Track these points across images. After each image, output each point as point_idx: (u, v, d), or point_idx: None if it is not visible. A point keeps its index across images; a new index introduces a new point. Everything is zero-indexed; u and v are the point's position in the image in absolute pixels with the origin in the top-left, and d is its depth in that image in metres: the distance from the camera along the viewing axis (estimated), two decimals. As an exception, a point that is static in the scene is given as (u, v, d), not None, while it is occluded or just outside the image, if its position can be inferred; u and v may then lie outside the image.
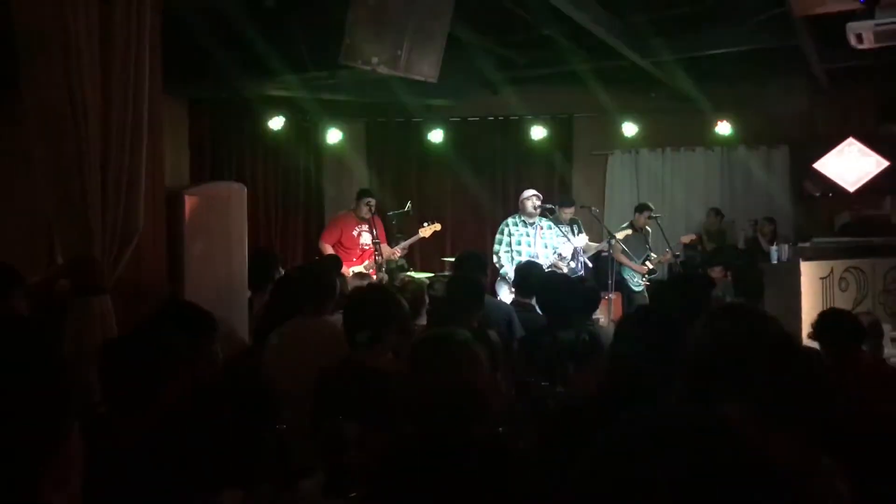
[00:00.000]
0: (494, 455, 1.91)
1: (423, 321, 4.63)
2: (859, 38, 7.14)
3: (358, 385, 2.72)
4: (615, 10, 7.46)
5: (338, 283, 4.19)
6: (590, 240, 8.44)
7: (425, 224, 8.15)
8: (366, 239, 7.90)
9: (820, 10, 7.05)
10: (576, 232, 8.19)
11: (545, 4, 6.70)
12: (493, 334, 3.76)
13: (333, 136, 10.15)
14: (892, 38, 7.03)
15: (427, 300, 4.64)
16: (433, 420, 1.94)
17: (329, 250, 7.65)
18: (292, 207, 10.19)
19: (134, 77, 4.01)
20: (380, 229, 7.96)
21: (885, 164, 9.94)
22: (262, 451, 2.55)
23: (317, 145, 10.36)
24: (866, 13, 6.62)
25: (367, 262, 7.83)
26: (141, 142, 4.06)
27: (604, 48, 8.01)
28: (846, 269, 7.52)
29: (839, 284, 7.46)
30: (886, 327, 6.42)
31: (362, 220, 7.95)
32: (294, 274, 4.68)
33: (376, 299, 3.30)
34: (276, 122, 9.34)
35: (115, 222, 3.87)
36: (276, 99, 8.90)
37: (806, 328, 6.90)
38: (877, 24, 6.86)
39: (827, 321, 3.86)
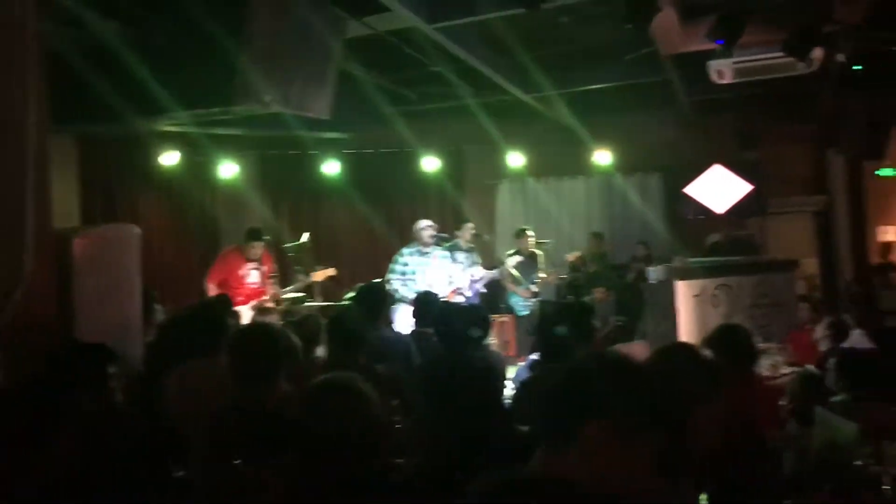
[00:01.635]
0: (390, 490, 2.07)
1: (321, 352, 4.75)
2: (720, 73, 7.81)
3: (251, 427, 2.74)
4: (500, 48, 7.88)
5: (229, 322, 4.20)
6: (482, 266, 8.72)
7: (318, 268, 7.98)
8: (254, 278, 7.60)
9: (684, 49, 7.67)
10: (474, 261, 8.44)
11: (434, 44, 7.04)
12: (381, 368, 3.93)
13: (228, 170, 10.15)
14: (748, 73, 7.72)
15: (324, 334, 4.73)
16: (329, 462, 1.99)
17: (213, 290, 7.38)
18: (187, 244, 10.09)
19: (15, 108, 3.77)
20: (268, 266, 7.71)
21: (748, 187, 10.74)
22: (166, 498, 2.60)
23: (211, 180, 10.33)
24: (725, 52, 7.24)
25: (253, 303, 7.46)
26: (25, 179, 3.80)
27: (489, 83, 8.43)
28: (717, 287, 7.99)
29: (711, 301, 7.92)
30: (755, 340, 6.97)
31: (252, 259, 7.63)
32: (183, 315, 4.63)
33: (262, 339, 3.32)
34: (170, 158, 9.28)
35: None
36: (169, 134, 8.86)
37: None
38: (734, 62, 7.53)
39: (723, 337, 3.70)
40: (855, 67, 6.83)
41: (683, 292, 7.68)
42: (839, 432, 2.66)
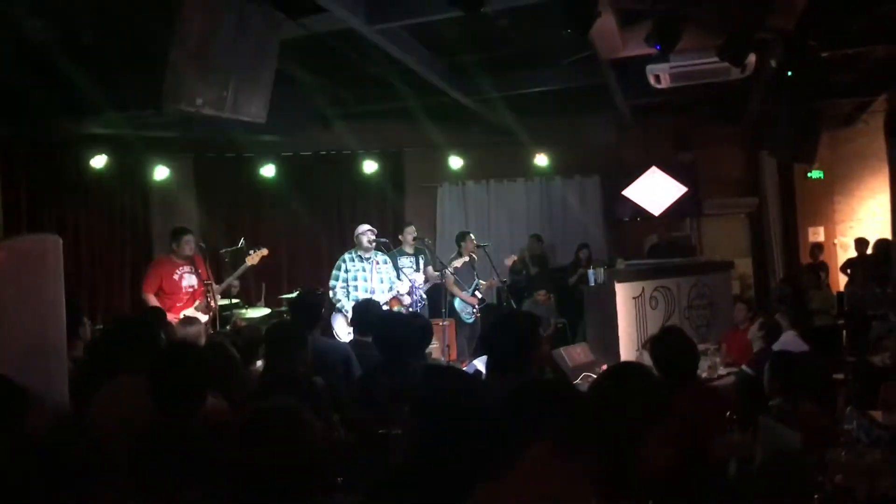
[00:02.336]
0: None
1: (259, 363, 4.63)
2: (657, 78, 7.91)
3: (178, 449, 2.62)
4: (440, 51, 7.83)
5: (162, 336, 4.04)
6: (431, 270, 8.64)
7: (251, 252, 7.61)
8: (190, 281, 7.24)
9: (622, 54, 7.73)
10: (421, 264, 8.34)
11: (373, 45, 6.94)
12: (319, 381, 3.83)
13: (160, 173, 9.85)
14: (685, 78, 7.84)
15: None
16: (267, 494, 1.92)
17: (153, 300, 7.05)
18: (118, 250, 9.76)
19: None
20: (202, 267, 7.33)
21: (684, 189, 10.94)
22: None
23: (143, 184, 10.01)
24: (662, 57, 7.33)
25: (197, 304, 7.17)
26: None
27: (430, 86, 8.37)
28: (655, 289, 8.11)
29: (650, 303, 8.02)
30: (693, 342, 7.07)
31: (183, 261, 7.27)
32: (113, 329, 4.44)
33: (184, 359, 3.21)
34: (99, 161, 8.96)
35: None
36: (98, 136, 8.55)
37: (623, 343, 7.54)
38: (671, 67, 7.63)
39: (664, 344, 3.65)
40: (787, 74, 6.95)
41: (623, 294, 7.76)
42: (783, 441, 2.67)
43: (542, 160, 10.65)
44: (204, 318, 6.99)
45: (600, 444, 1.58)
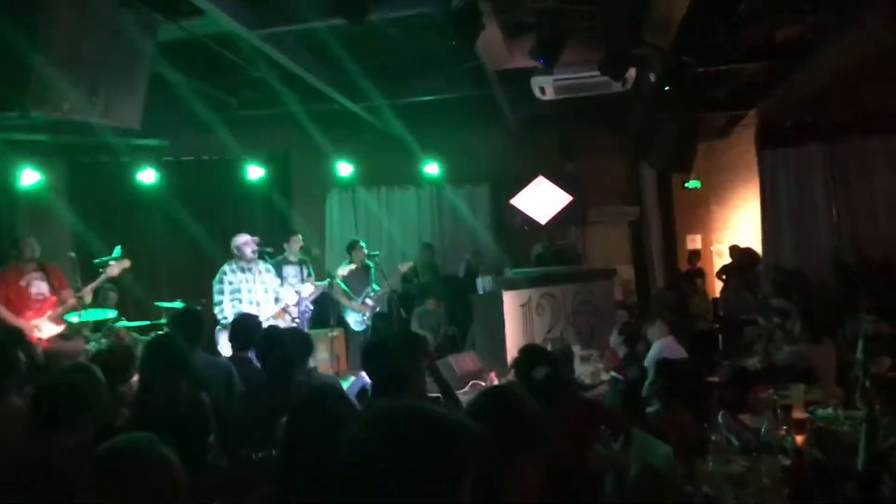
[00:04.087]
0: None
1: (134, 380, 4.42)
2: (542, 90, 8.07)
3: (40, 481, 2.46)
4: (326, 58, 7.70)
5: (21, 356, 3.77)
6: (314, 278, 8.48)
7: (112, 262, 7.17)
8: (39, 288, 6.81)
9: (509, 66, 7.85)
10: (304, 275, 8.17)
11: (257, 49, 6.77)
12: (205, 397, 3.69)
13: (29, 177, 9.24)
14: (569, 91, 8.03)
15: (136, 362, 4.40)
16: None
17: (2, 311, 6.59)
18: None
19: None
20: (57, 276, 6.94)
21: (569, 198, 11.20)
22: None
23: (10, 189, 9.37)
24: (546, 70, 7.47)
25: (49, 313, 6.71)
26: None
27: (317, 91, 8.23)
28: (542, 296, 8.27)
29: (536, 310, 8.18)
30: (576, 348, 7.22)
31: (31, 267, 6.83)
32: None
33: (66, 381, 3.07)
34: (-41, 165, 8.35)
35: None
36: (-42, 139, 7.99)
37: (511, 350, 7.62)
38: (556, 80, 7.80)
39: (522, 367, 3.73)
40: (664, 89, 7.21)
41: (510, 302, 7.89)
42: (655, 454, 2.73)
43: (432, 169, 10.66)
44: (58, 328, 6.62)
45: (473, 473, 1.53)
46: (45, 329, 6.58)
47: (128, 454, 1.90)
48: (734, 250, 11.06)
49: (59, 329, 6.57)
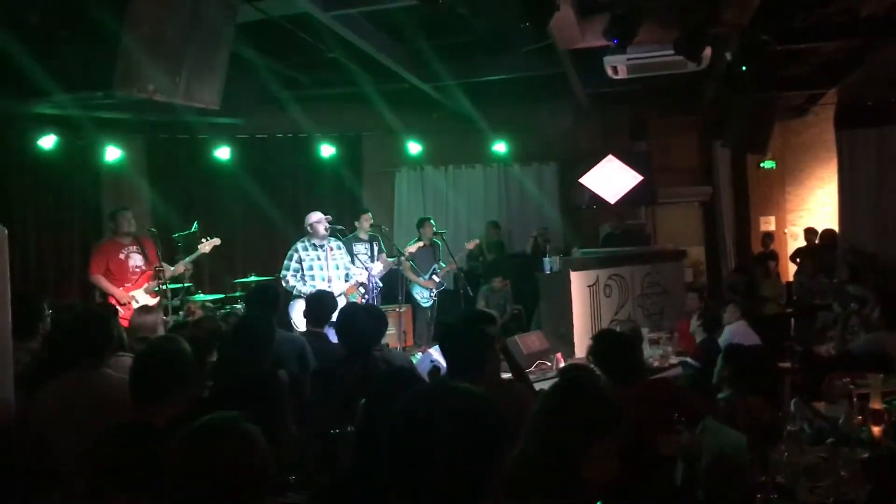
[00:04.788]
0: None
1: (213, 357, 4.58)
2: (615, 69, 7.96)
3: (140, 449, 2.58)
4: (397, 36, 7.76)
5: (114, 330, 3.96)
6: (386, 256, 8.59)
7: (204, 240, 7.64)
8: (136, 261, 7.23)
9: (581, 45, 7.77)
10: (375, 252, 8.31)
11: (330, 30, 6.86)
12: (282, 374, 3.81)
13: (112, 154, 9.62)
14: (642, 70, 7.90)
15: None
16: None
17: (101, 281, 7.08)
18: (67, 234, 9.56)
19: None
20: (151, 250, 7.34)
21: (639, 177, 11.04)
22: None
23: (94, 165, 9.78)
24: (619, 49, 7.38)
25: (146, 286, 7.18)
26: None
27: (388, 71, 8.31)
28: (609, 277, 8.22)
29: (604, 291, 8.14)
30: (645, 330, 7.18)
31: (129, 240, 7.27)
32: (65, 322, 4.34)
33: (166, 353, 3.19)
34: (47, 142, 8.72)
35: None
36: (47, 117, 8.33)
37: (577, 331, 7.63)
38: (629, 59, 7.69)
39: (604, 349, 3.74)
40: (741, 68, 7.06)
41: (577, 283, 7.86)
42: (726, 442, 2.74)
43: (500, 147, 10.66)
44: (152, 301, 6.95)
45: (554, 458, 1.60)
46: (141, 300, 6.93)
47: (215, 433, 1.94)
48: (810, 233, 10.79)
49: (153, 301, 6.89)
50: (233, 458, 1.88)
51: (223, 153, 10.19)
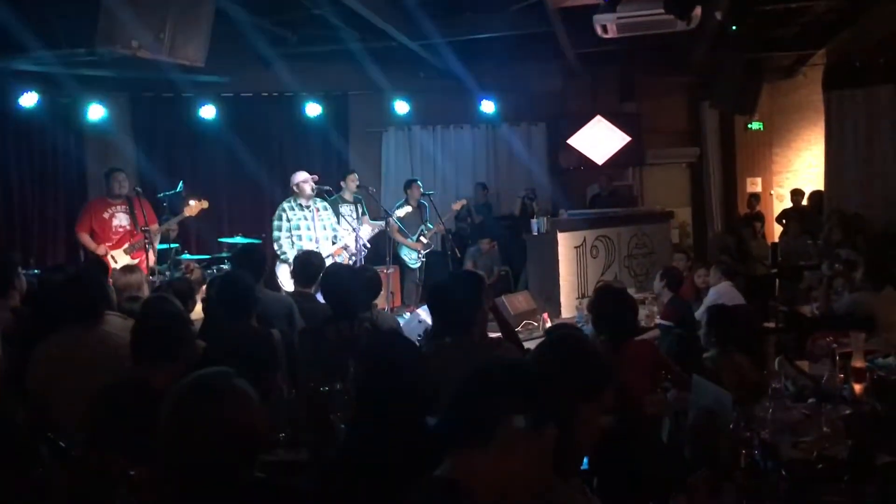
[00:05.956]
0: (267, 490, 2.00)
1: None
2: (604, 28, 7.89)
3: (137, 408, 2.57)
4: (385, -6, 7.65)
5: (110, 289, 3.95)
6: (369, 217, 8.58)
7: (191, 202, 7.63)
8: (120, 220, 7.30)
9: (570, 3, 7.69)
10: (359, 213, 8.27)
11: (317, -15, 6.75)
12: (275, 333, 3.82)
13: (95, 112, 9.46)
14: (632, 29, 7.83)
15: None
16: (199, 471, 1.86)
17: (85, 238, 7.18)
18: (50, 193, 9.47)
19: None
20: (148, 209, 7.37)
21: (627, 138, 11.03)
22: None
23: (77, 123, 9.62)
24: (609, 7, 7.31)
25: (126, 245, 7.24)
26: None
27: (375, 29, 8.19)
28: (597, 238, 8.26)
29: (591, 252, 8.17)
30: (631, 290, 7.22)
31: (118, 201, 7.32)
32: (56, 280, 4.32)
33: (169, 315, 3.22)
34: (28, 99, 8.58)
35: None
36: (28, 74, 8.18)
37: (564, 292, 7.68)
38: (619, 18, 7.62)
39: (605, 305, 3.75)
40: (731, 28, 7.01)
41: (564, 243, 7.89)
42: (713, 399, 2.77)
43: (488, 107, 10.58)
44: (132, 261, 6.93)
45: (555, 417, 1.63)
46: (119, 260, 6.92)
47: (208, 390, 1.92)
48: (797, 194, 10.84)
49: (134, 262, 6.86)
50: (226, 415, 1.87)
51: (208, 112, 10.06)
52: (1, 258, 4.79)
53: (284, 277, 7.13)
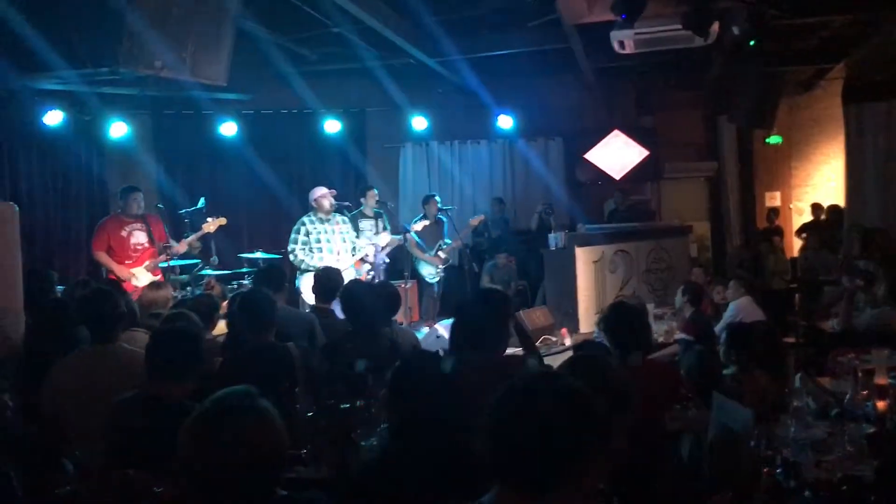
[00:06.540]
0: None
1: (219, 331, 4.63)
2: (622, 44, 7.91)
3: (152, 423, 2.59)
4: (403, 11, 7.71)
5: (123, 303, 3.99)
6: (389, 233, 8.61)
7: (209, 219, 7.68)
8: (139, 238, 7.32)
9: (587, 20, 7.71)
10: (380, 227, 8.32)
11: (335, 4, 6.82)
12: (292, 348, 3.85)
13: (118, 129, 9.59)
14: (649, 45, 7.85)
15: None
16: (221, 489, 1.86)
17: (103, 257, 7.18)
18: (73, 209, 9.59)
19: None
20: (158, 227, 7.44)
21: (645, 153, 11.02)
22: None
23: (99, 140, 9.76)
24: (627, 24, 7.32)
25: (147, 263, 7.27)
26: None
27: (393, 46, 8.27)
28: (615, 253, 8.23)
29: (609, 267, 8.14)
30: (650, 306, 7.20)
31: (133, 219, 7.36)
32: (74, 297, 4.37)
33: (184, 331, 3.26)
34: (53, 118, 8.70)
35: None
36: (52, 92, 8.32)
37: (582, 307, 7.66)
38: (636, 34, 7.63)
39: (617, 321, 3.74)
40: (749, 43, 7.00)
41: (582, 258, 7.86)
42: (733, 417, 2.76)
43: (505, 122, 10.62)
44: (154, 278, 7.00)
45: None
46: (141, 278, 6.97)
47: (230, 412, 1.92)
48: (817, 208, 10.77)
49: (157, 278, 6.93)
50: (248, 437, 1.87)
51: (229, 129, 10.17)
52: (36, 274, 4.85)
53: (306, 289, 7.16)
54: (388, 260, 8.00)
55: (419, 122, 10.54)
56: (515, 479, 1.59)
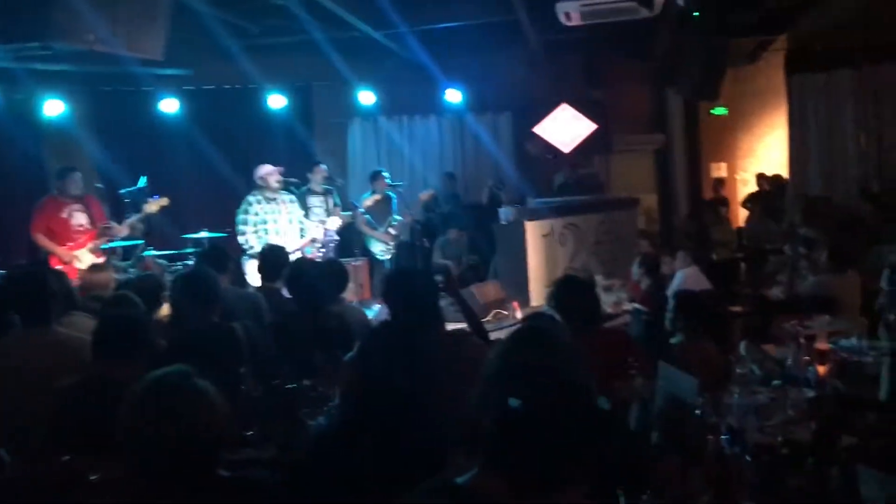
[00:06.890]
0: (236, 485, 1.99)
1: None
2: (568, 16, 7.90)
3: (96, 404, 2.54)
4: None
5: (55, 284, 3.84)
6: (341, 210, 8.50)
7: (149, 200, 7.52)
8: (79, 219, 7.15)
9: (532, -10, 7.67)
10: (330, 205, 8.20)
11: (278, -25, 6.66)
12: (238, 327, 3.77)
13: (54, 108, 9.25)
14: (595, 16, 7.84)
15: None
16: (159, 465, 1.87)
17: (42, 240, 6.99)
18: (9, 192, 9.26)
19: None
20: (96, 208, 7.28)
21: (594, 126, 11.05)
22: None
23: (35, 120, 9.41)
24: (573, -5, 7.31)
25: (90, 245, 7.10)
26: None
27: (338, 18, 8.12)
28: (564, 226, 8.28)
29: (559, 240, 8.19)
30: (599, 277, 7.27)
31: (72, 200, 7.18)
32: (5, 280, 4.23)
33: (131, 312, 3.19)
34: (-17, 96, 8.38)
35: None
36: (-21, 70, 7.99)
37: (533, 280, 7.69)
38: (582, 5, 7.62)
39: (566, 295, 3.76)
40: (693, 14, 7.04)
41: (532, 232, 7.89)
42: (679, 385, 2.78)
43: (454, 96, 10.54)
44: (98, 260, 6.83)
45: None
46: (84, 260, 6.78)
47: (166, 390, 1.93)
48: (761, 178, 10.95)
49: (99, 260, 6.75)
50: (182, 414, 1.87)
51: (170, 106, 9.91)
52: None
53: (252, 272, 7.06)
54: (337, 238, 7.91)
55: (367, 97, 10.40)
56: (520, 471, 1.54)
